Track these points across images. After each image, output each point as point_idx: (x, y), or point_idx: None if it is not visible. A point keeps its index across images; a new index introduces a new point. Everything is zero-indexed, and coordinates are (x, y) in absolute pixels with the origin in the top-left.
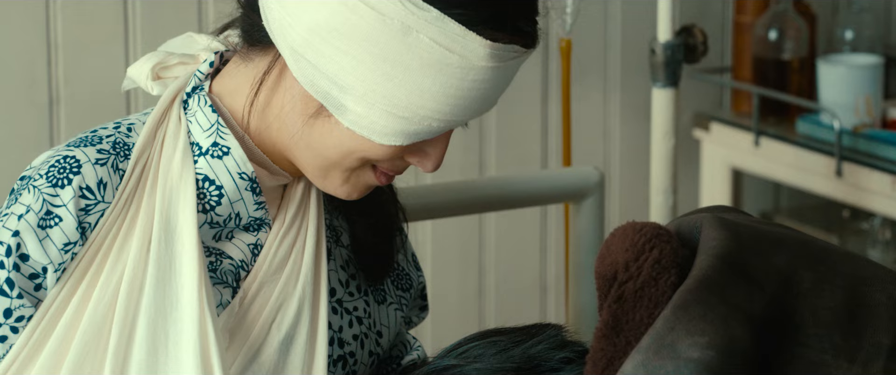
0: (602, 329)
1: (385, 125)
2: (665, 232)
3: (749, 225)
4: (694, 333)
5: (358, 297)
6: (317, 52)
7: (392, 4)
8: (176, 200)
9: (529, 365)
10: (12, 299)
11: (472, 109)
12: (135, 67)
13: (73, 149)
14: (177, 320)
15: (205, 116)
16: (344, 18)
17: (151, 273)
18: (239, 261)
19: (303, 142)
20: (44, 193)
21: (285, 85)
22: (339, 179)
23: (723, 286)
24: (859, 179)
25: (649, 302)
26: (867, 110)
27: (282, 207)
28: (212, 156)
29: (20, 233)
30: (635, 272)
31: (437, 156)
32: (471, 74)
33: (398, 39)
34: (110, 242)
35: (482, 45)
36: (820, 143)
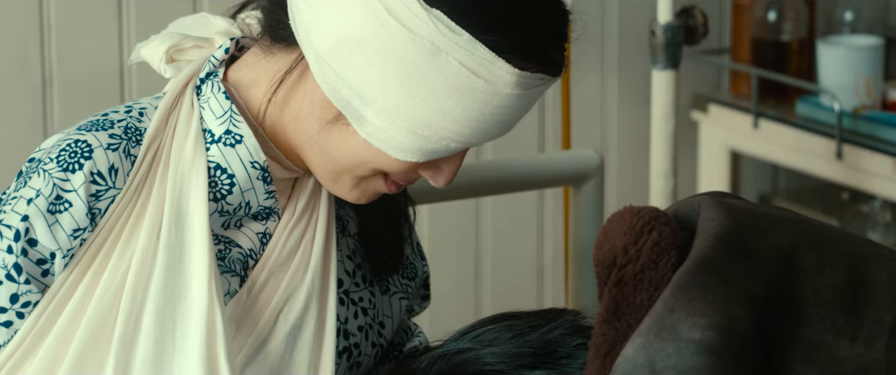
0: (603, 313)
1: (402, 141)
2: (663, 215)
3: (747, 207)
4: (694, 314)
5: (363, 288)
6: (342, 61)
7: (423, 24)
8: (187, 187)
9: (546, 351)
10: (19, 284)
11: (491, 133)
12: (149, 47)
13: (84, 133)
14: (185, 309)
15: (218, 104)
16: (373, 32)
17: (161, 261)
18: (248, 250)
19: (317, 146)
20: (54, 177)
21: (306, 87)
22: (349, 184)
23: (722, 266)
24: (859, 161)
25: (649, 285)
26: (867, 92)
27: (292, 197)
28: (224, 144)
29: (29, 217)
30: (634, 255)
31: (450, 173)
32: (495, 100)
33: (426, 59)
34: (119, 228)
35: (510, 73)
36: (820, 125)
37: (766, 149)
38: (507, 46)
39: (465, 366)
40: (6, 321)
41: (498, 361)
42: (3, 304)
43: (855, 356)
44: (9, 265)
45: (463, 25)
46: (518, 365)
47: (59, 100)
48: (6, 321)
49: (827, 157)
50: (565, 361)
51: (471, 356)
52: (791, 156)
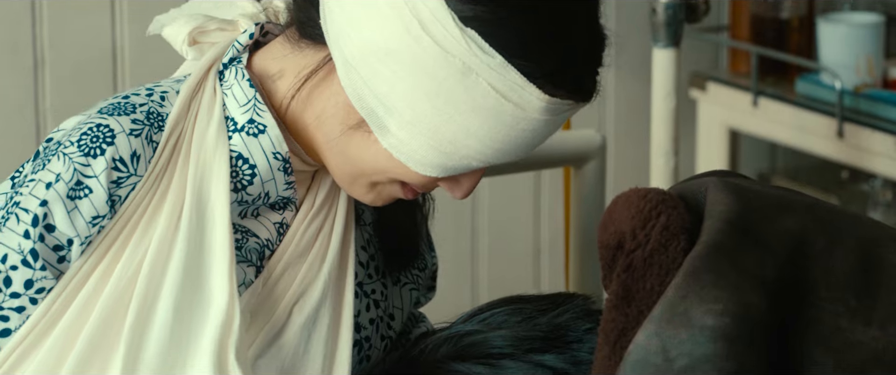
0: (612, 299)
1: (424, 156)
2: (670, 197)
3: (755, 189)
4: (707, 300)
5: (376, 279)
6: (371, 69)
7: (457, 43)
8: (209, 176)
9: (555, 335)
10: (35, 270)
11: (514, 154)
12: (172, 28)
13: (106, 117)
14: (202, 300)
15: (242, 91)
16: (405, 46)
17: (180, 249)
18: (265, 240)
19: (337, 148)
20: (75, 162)
21: (331, 89)
22: (365, 187)
23: (733, 251)
24: (860, 140)
25: (660, 270)
26: (868, 70)
27: (311, 189)
28: (247, 133)
29: (48, 203)
30: (643, 239)
31: (469, 186)
32: (522, 124)
33: (456, 78)
34: (138, 216)
35: (540, 99)
36: (820, 103)
37: (766, 127)
38: (540, 72)
39: (473, 349)
40: (19, 306)
41: (506, 344)
42: (17, 289)
43: (870, 339)
44: (25, 251)
45: (497, 48)
46: (527, 349)
47: (50, 81)
48: (19, 307)
49: (828, 135)
50: (575, 346)
51: (478, 338)
52: (791, 134)
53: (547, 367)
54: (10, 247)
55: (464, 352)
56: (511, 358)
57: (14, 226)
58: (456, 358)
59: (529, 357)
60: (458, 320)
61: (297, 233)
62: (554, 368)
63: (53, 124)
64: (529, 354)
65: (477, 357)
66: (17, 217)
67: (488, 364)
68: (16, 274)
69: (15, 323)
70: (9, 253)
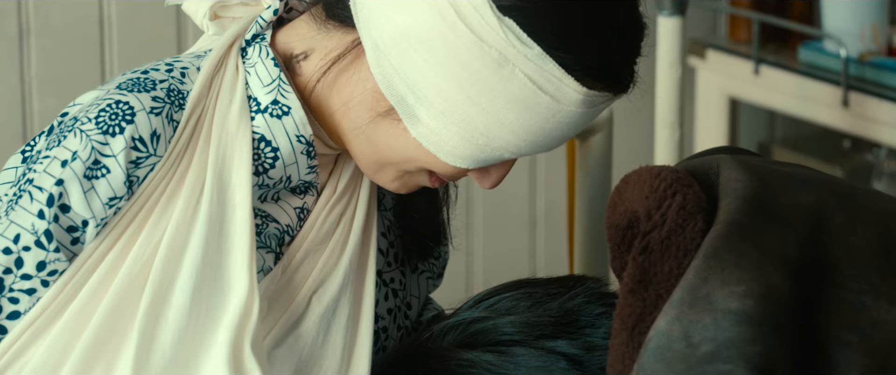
0: (629, 283)
1: (455, 146)
2: (685, 176)
3: (768, 165)
4: (729, 282)
5: (395, 267)
6: (402, 56)
7: (494, 32)
8: (230, 158)
9: (567, 320)
10: (48, 252)
11: (546, 146)
12: (193, 1)
13: (126, 93)
14: (221, 287)
15: (266, 70)
16: (440, 33)
17: (199, 233)
18: (285, 226)
19: (364, 135)
20: (93, 140)
21: (359, 75)
22: (391, 175)
23: (754, 230)
24: (866, 109)
25: (678, 251)
26: (873, 37)
27: (334, 174)
28: (271, 115)
29: (64, 182)
30: (659, 220)
31: (498, 177)
32: (558, 116)
33: (492, 69)
34: (156, 198)
35: (577, 92)
36: (824, 71)
37: (767, 96)
38: (579, 65)
39: (481, 336)
40: (29, 288)
41: (516, 331)
42: (29, 271)
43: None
44: (39, 231)
45: (535, 38)
46: (538, 335)
47: (36, 49)
48: (29, 289)
49: (832, 104)
50: (588, 331)
51: (487, 325)
52: (793, 103)
53: (559, 353)
54: (22, 227)
55: (472, 339)
56: (522, 345)
57: (27, 205)
58: (464, 346)
59: (541, 344)
60: (463, 305)
61: (318, 219)
62: (566, 354)
63: (39, 94)
64: (540, 340)
65: (486, 344)
66: (31, 196)
67: (498, 351)
68: (28, 255)
69: (25, 306)
70: (21, 233)
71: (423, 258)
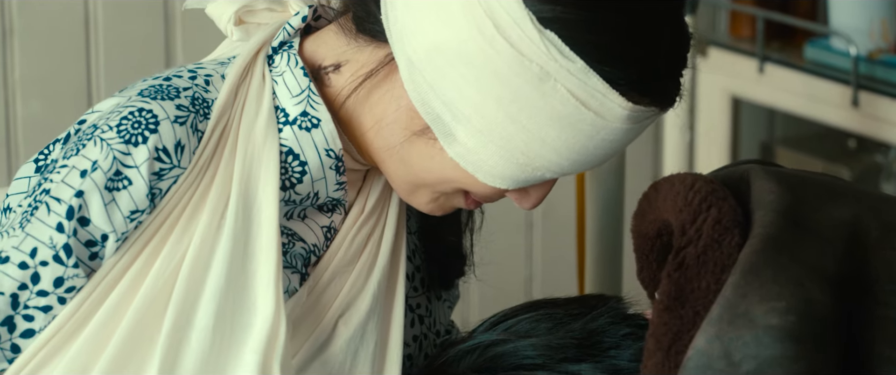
0: (664, 301)
1: (494, 166)
2: (719, 188)
3: (799, 176)
4: (769, 298)
5: (421, 293)
6: (438, 72)
7: (534, 46)
8: (256, 172)
9: (590, 342)
10: (67, 267)
11: (590, 165)
12: (217, 6)
13: (149, 101)
14: (246, 308)
15: (295, 80)
16: (478, 48)
17: (224, 250)
18: (311, 245)
19: (397, 156)
20: (115, 149)
21: (392, 92)
22: (427, 197)
23: (790, 244)
24: (877, 108)
25: (715, 267)
26: (883, 34)
27: (363, 191)
28: (300, 127)
29: (84, 193)
30: (694, 235)
31: (539, 198)
32: (602, 133)
33: (533, 84)
34: (179, 212)
35: (622, 107)
36: (832, 70)
37: (772, 95)
38: (624, 79)
39: (501, 360)
40: (46, 305)
41: (538, 354)
42: (45, 287)
43: None
44: (58, 246)
45: (578, 52)
46: (561, 359)
47: (20, 50)
48: (45, 306)
49: (841, 104)
50: (613, 353)
51: (507, 349)
52: (801, 103)
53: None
54: (40, 240)
55: (491, 364)
56: (544, 369)
57: (44, 217)
58: (482, 371)
59: (564, 368)
60: (478, 328)
61: (346, 239)
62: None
63: (23, 97)
64: (563, 364)
65: (506, 368)
66: (49, 207)
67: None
68: (45, 271)
69: (40, 324)
70: (39, 247)
71: (447, 286)
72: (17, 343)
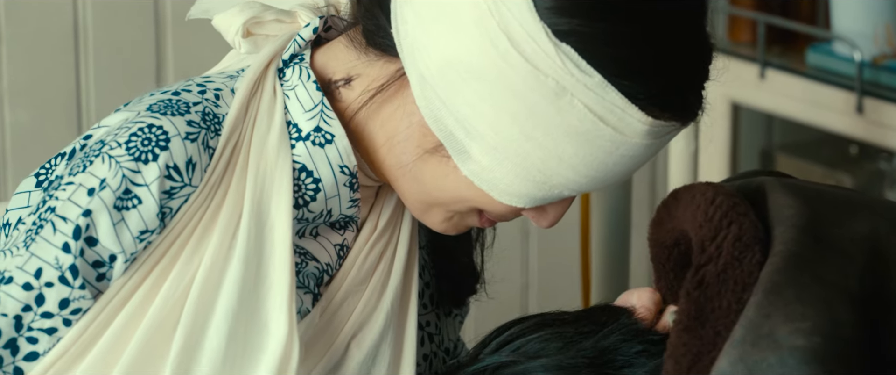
0: (683, 320)
1: (510, 184)
2: (741, 202)
3: (815, 188)
4: (794, 318)
5: (430, 310)
6: (451, 88)
7: (550, 60)
8: (269, 190)
9: (602, 360)
10: (73, 288)
11: (608, 182)
12: (224, 17)
13: (159, 117)
14: (258, 330)
15: (307, 94)
16: (491, 63)
17: (235, 271)
18: (324, 264)
19: (410, 174)
20: (124, 167)
21: (404, 108)
22: (441, 216)
23: (812, 262)
24: (882, 115)
25: (735, 285)
26: (888, 39)
27: (375, 208)
28: (313, 143)
29: (92, 212)
30: (714, 252)
31: (556, 216)
32: (621, 149)
33: (548, 100)
34: (189, 232)
35: (642, 122)
36: (835, 75)
37: (774, 102)
38: (644, 93)
39: None
40: (50, 327)
41: None
42: (50, 309)
43: None
44: (64, 266)
45: (595, 65)
46: None
47: (7, 57)
48: (50, 328)
49: (845, 111)
50: (626, 371)
51: (516, 370)
52: (803, 109)
53: None
54: (45, 260)
55: None
56: None
57: (50, 236)
58: None
59: None
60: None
61: (358, 258)
62: None
63: (10, 106)
64: None
65: None
66: (54, 226)
67: None
68: (50, 292)
69: (44, 347)
70: (44, 268)
71: (458, 304)
72: (21, 366)
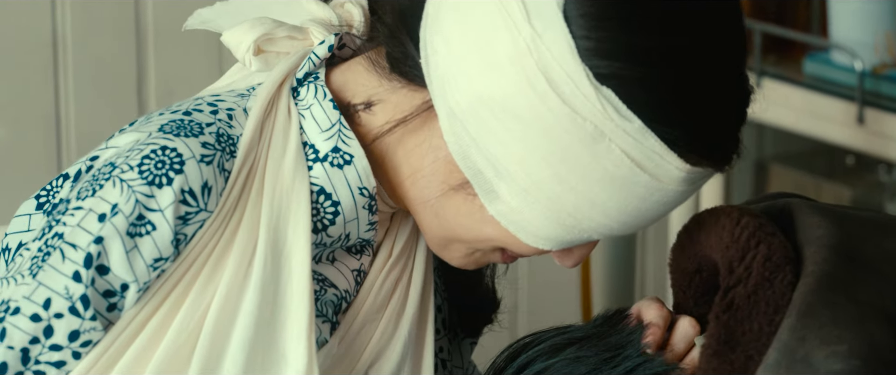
0: (712, 345)
1: (538, 227)
2: (767, 223)
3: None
4: (830, 342)
5: (443, 335)
6: (482, 125)
7: (589, 104)
8: (286, 214)
9: None
10: (84, 320)
11: (638, 226)
12: (234, 34)
13: (172, 138)
14: (275, 361)
15: (324, 113)
16: (528, 103)
17: (252, 299)
18: (343, 291)
19: (433, 209)
20: (137, 191)
21: (430, 142)
22: (461, 252)
23: (846, 281)
24: (883, 125)
25: (766, 308)
26: (888, 48)
27: (390, 232)
28: (331, 164)
29: (104, 240)
30: (743, 274)
31: (581, 256)
32: (656, 196)
33: (585, 144)
34: (204, 259)
35: (679, 169)
36: (833, 85)
37: (770, 112)
38: (683, 140)
39: None
40: (59, 360)
41: None
42: (59, 341)
43: None
44: (75, 296)
45: (635, 110)
46: None
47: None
48: (58, 361)
49: (845, 121)
50: None
51: None
52: (802, 120)
53: None
54: (54, 290)
55: None
56: None
57: (59, 264)
58: None
59: None
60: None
61: (375, 284)
62: None
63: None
64: None
65: None
66: (63, 254)
67: None
68: (60, 323)
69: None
70: (53, 298)
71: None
72: None
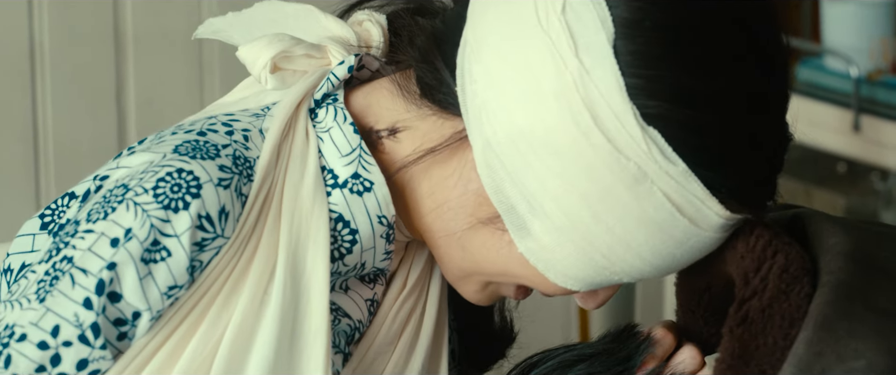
0: (726, 359)
1: (569, 267)
2: (782, 232)
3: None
4: (847, 357)
5: (452, 367)
6: (519, 160)
7: (635, 143)
8: (305, 241)
9: None
10: (93, 349)
11: (669, 271)
12: (250, 50)
13: (188, 160)
14: None
15: (344, 137)
16: (570, 139)
17: (270, 329)
18: (356, 321)
19: (457, 242)
20: (152, 216)
21: (461, 173)
22: (478, 286)
23: (862, 290)
24: (879, 133)
25: (782, 321)
26: (883, 54)
27: (404, 262)
28: (351, 190)
29: (117, 266)
30: (759, 285)
31: (606, 298)
32: (692, 241)
33: (626, 184)
34: (219, 286)
35: (719, 215)
36: (827, 91)
37: None
38: (726, 186)
39: None
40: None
41: None
42: (67, 370)
43: None
44: (85, 324)
45: (681, 153)
46: None
47: None
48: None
49: (840, 129)
50: None
51: None
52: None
53: None
54: (63, 317)
55: None
56: None
57: (68, 290)
58: None
59: None
60: None
61: (389, 315)
62: None
63: None
64: None
65: None
66: (73, 279)
67: None
68: (68, 352)
69: None
70: (62, 325)
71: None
72: None
